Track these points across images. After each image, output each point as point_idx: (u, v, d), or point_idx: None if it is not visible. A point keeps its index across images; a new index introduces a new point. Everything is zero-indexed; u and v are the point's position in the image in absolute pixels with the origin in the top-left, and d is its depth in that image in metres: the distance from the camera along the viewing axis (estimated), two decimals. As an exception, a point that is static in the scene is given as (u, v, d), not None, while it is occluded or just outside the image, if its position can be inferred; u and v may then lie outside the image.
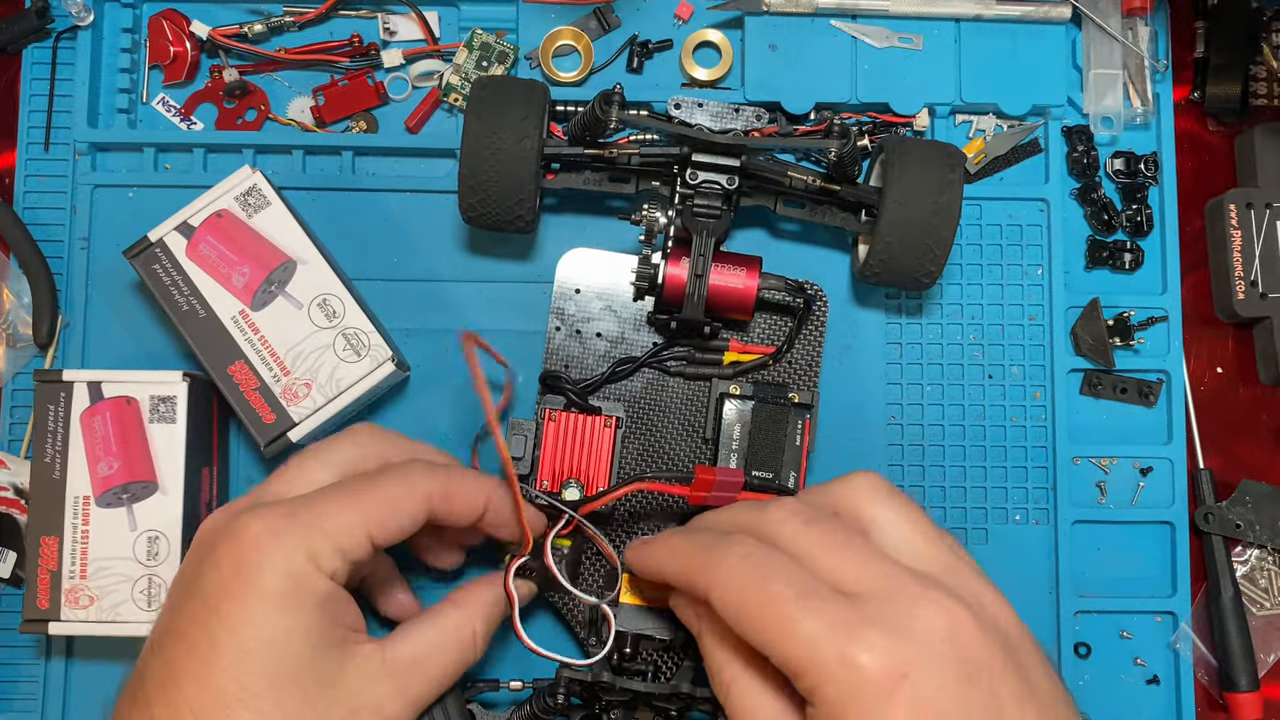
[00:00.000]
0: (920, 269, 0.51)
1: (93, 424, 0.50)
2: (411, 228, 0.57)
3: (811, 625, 0.34)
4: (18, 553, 0.55)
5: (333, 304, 0.51)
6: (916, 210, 0.50)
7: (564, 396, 0.52)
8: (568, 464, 0.51)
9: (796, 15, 0.57)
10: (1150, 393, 0.57)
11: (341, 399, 0.50)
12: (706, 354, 0.54)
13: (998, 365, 0.57)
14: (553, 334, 0.54)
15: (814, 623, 0.34)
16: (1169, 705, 0.56)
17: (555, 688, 0.47)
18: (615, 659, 0.48)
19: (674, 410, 0.54)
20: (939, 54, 0.57)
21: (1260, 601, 0.57)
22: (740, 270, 0.51)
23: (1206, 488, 0.57)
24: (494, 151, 0.50)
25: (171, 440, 0.50)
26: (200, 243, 0.51)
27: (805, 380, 0.54)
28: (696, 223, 0.50)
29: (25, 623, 0.50)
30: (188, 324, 0.51)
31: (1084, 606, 0.56)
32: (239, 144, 0.57)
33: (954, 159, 0.51)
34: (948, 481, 0.56)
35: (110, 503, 0.50)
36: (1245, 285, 0.57)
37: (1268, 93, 0.60)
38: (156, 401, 0.50)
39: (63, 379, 0.51)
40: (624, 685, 0.47)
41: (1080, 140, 0.58)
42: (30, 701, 0.54)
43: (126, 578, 0.50)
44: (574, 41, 0.57)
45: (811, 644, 0.34)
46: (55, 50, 0.58)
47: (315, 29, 0.58)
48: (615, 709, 0.49)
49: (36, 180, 0.57)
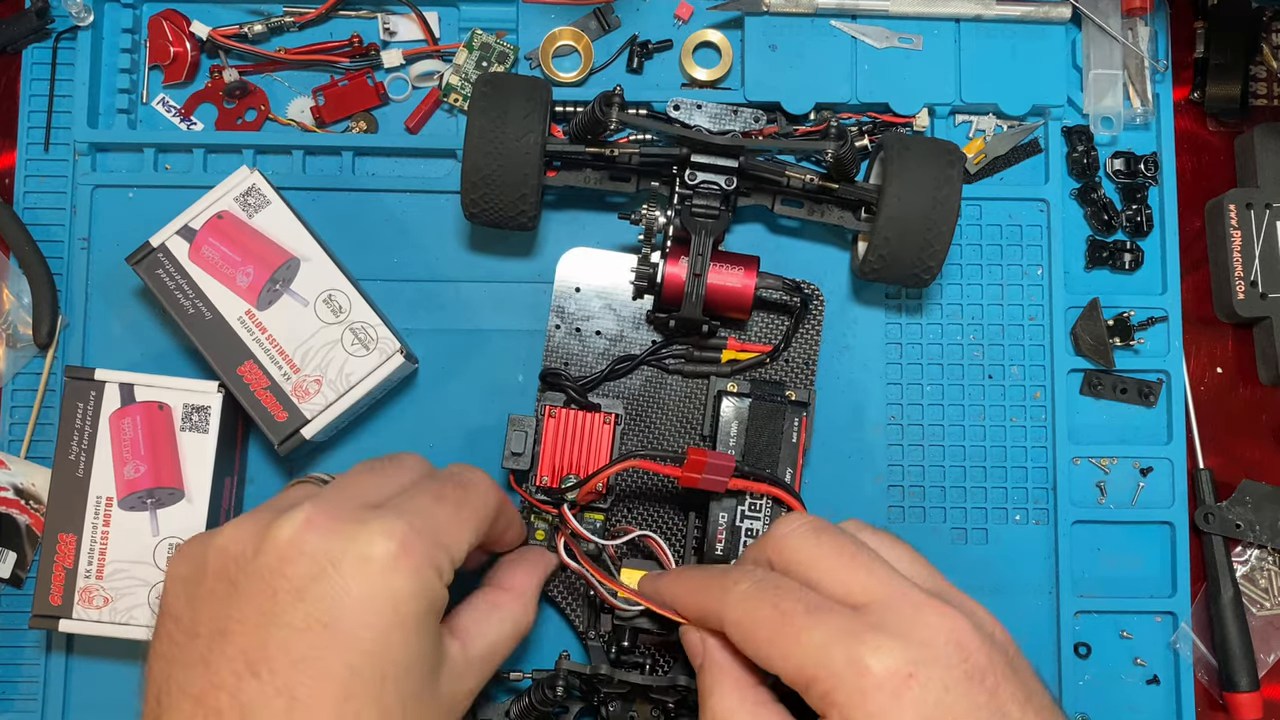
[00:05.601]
0: (919, 264, 0.55)
1: (121, 426, 0.53)
2: (412, 228, 0.60)
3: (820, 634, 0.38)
4: (18, 553, 0.59)
5: (338, 299, 0.54)
6: (915, 205, 0.53)
7: (564, 393, 0.56)
8: (567, 460, 0.54)
9: (796, 15, 0.60)
10: (1150, 393, 0.61)
11: (353, 393, 0.54)
12: (705, 352, 0.57)
13: (998, 365, 0.61)
14: (553, 332, 0.58)
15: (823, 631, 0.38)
16: (1169, 705, 0.59)
17: (554, 679, 0.51)
18: (613, 652, 0.52)
19: (672, 407, 0.58)
20: (939, 54, 0.61)
21: (1260, 601, 0.61)
22: (738, 270, 0.55)
23: (1206, 488, 0.60)
24: (497, 147, 0.53)
25: (202, 450, 0.54)
26: (203, 245, 0.54)
27: (802, 378, 0.58)
28: (695, 222, 0.54)
29: (35, 618, 0.53)
30: (195, 327, 0.54)
31: (1084, 606, 0.59)
32: (239, 144, 0.60)
33: (953, 155, 0.55)
34: (948, 481, 0.60)
35: (134, 506, 0.53)
36: (1245, 285, 0.60)
37: (1268, 93, 0.63)
38: (190, 410, 0.54)
39: (95, 378, 0.54)
40: (622, 677, 0.51)
41: (1080, 140, 0.61)
42: (30, 702, 0.58)
43: (144, 582, 0.53)
44: (574, 42, 0.61)
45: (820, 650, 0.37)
46: (55, 50, 0.61)
47: (315, 29, 0.62)
48: (613, 701, 0.53)
49: (36, 180, 0.61)
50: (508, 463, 0.54)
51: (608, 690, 0.52)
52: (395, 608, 0.39)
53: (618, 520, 0.56)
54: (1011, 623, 0.58)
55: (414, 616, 0.40)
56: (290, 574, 0.39)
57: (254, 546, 0.40)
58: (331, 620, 0.38)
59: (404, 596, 0.39)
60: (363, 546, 0.39)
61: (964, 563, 0.59)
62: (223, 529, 0.42)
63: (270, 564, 0.39)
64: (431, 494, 0.44)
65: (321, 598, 0.39)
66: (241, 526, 0.41)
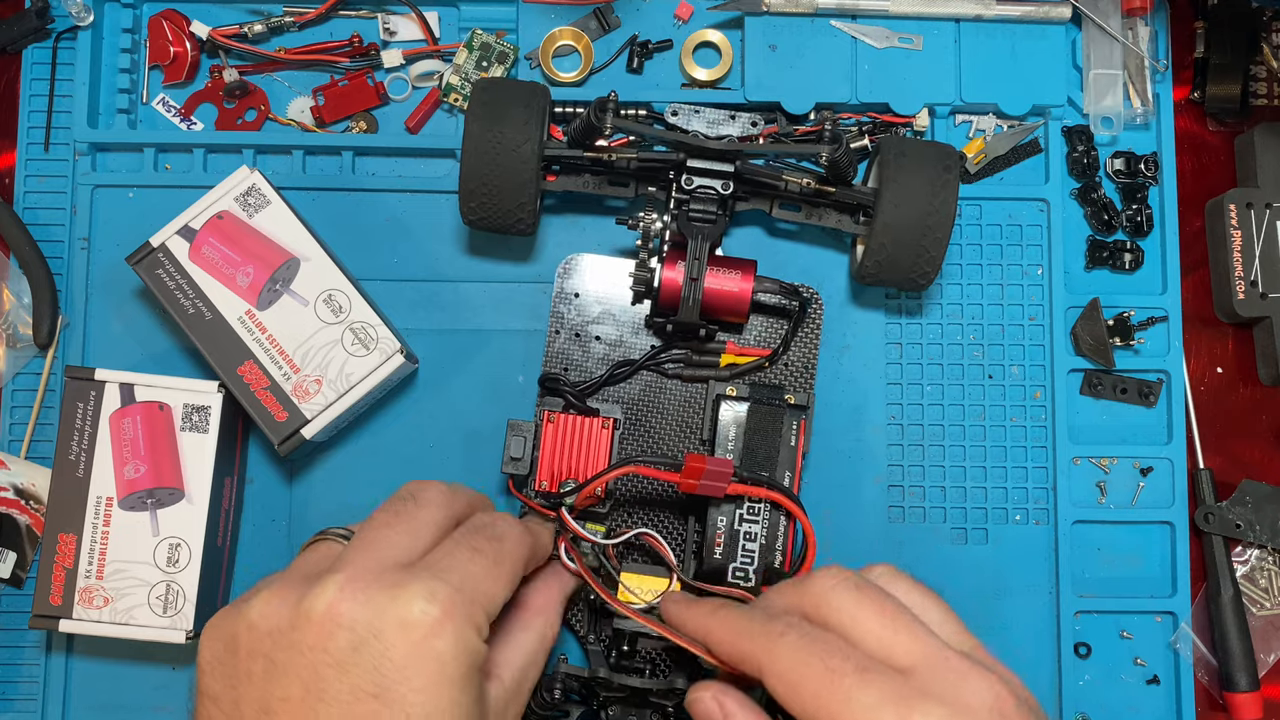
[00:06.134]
0: (916, 270, 0.55)
1: (121, 426, 0.54)
2: (412, 227, 0.61)
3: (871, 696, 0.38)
4: (18, 553, 0.59)
5: (338, 299, 0.55)
6: (911, 212, 0.54)
7: (563, 399, 0.56)
8: (566, 465, 0.55)
9: (796, 15, 0.61)
10: (1150, 393, 0.62)
11: (353, 393, 0.54)
12: (704, 356, 0.58)
13: (998, 365, 0.61)
14: (552, 337, 0.58)
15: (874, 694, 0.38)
16: (1169, 705, 0.60)
17: (553, 683, 0.51)
18: (613, 656, 0.52)
19: (671, 412, 0.58)
20: (939, 54, 0.61)
21: (1260, 601, 0.61)
22: (735, 274, 0.55)
23: (1206, 488, 0.61)
24: (495, 155, 0.53)
25: (202, 450, 0.54)
26: (203, 245, 0.55)
27: (801, 382, 0.58)
28: (692, 227, 0.54)
29: (35, 618, 0.53)
30: (195, 327, 0.54)
31: (1084, 606, 0.60)
32: (239, 144, 0.61)
33: (949, 159, 0.55)
34: (948, 481, 0.60)
35: (134, 506, 0.54)
36: (1245, 285, 0.61)
37: (1268, 93, 0.64)
38: (190, 410, 0.54)
39: (95, 378, 0.54)
40: (621, 681, 0.51)
41: (1080, 140, 0.62)
42: (30, 702, 0.58)
43: (144, 582, 0.53)
44: (574, 42, 0.61)
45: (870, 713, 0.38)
46: (55, 50, 0.61)
47: (315, 29, 0.62)
48: (613, 704, 0.53)
49: (36, 180, 0.61)
50: (507, 468, 0.54)
51: (607, 694, 0.52)
52: (441, 670, 0.39)
53: (617, 525, 0.57)
54: (1011, 623, 0.59)
55: (459, 677, 0.39)
56: (331, 648, 0.38)
57: (289, 621, 0.39)
58: (379, 690, 0.38)
59: (448, 659, 0.39)
60: (402, 611, 0.39)
61: (964, 563, 0.60)
62: (251, 602, 0.41)
63: (308, 639, 0.39)
64: (466, 549, 0.43)
65: (366, 668, 0.38)
66: (271, 601, 0.40)
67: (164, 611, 0.53)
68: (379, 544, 0.42)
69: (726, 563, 0.52)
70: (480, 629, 0.41)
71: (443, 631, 0.39)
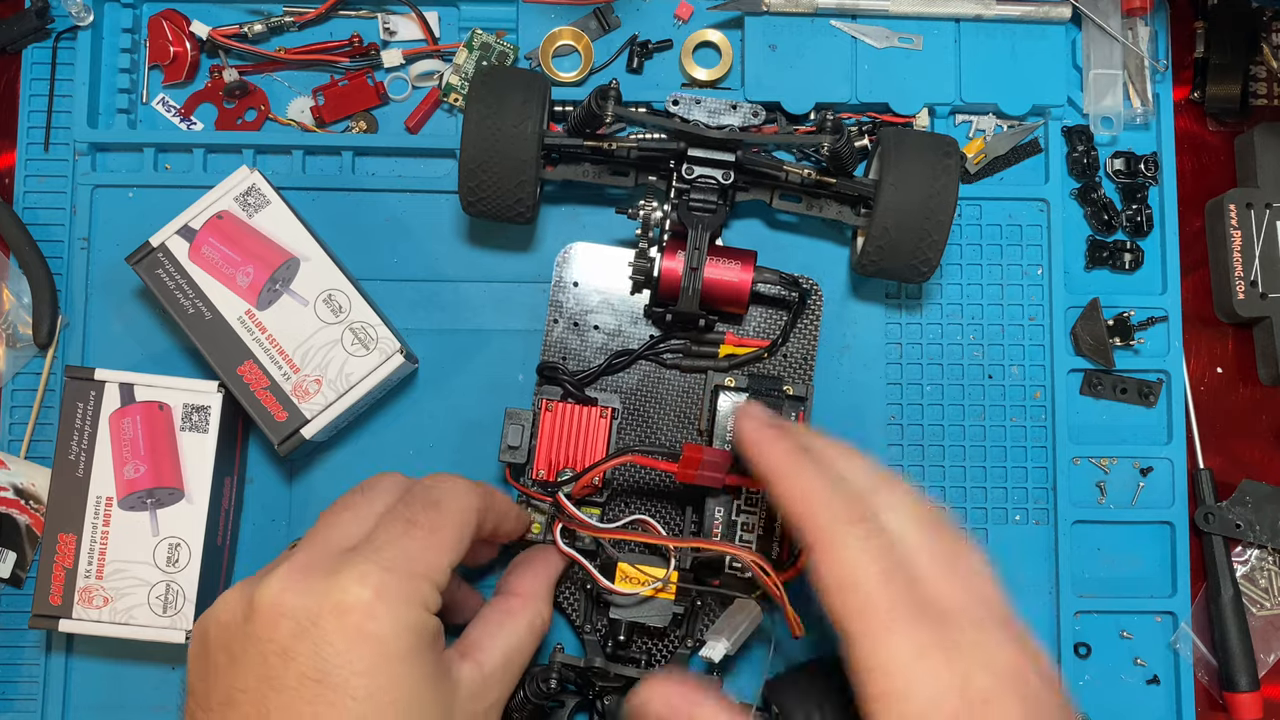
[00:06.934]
0: (918, 256, 0.55)
1: (121, 425, 0.54)
2: (412, 227, 0.61)
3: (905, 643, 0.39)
4: (18, 553, 0.60)
5: (338, 299, 0.55)
6: (912, 196, 0.54)
7: (561, 388, 0.57)
8: (564, 454, 0.55)
9: (796, 15, 0.61)
10: (1150, 393, 0.62)
11: (353, 393, 0.54)
12: (702, 347, 0.58)
13: (998, 365, 0.62)
14: (551, 327, 0.59)
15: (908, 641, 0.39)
16: (1169, 705, 0.60)
17: (549, 673, 0.52)
18: (609, 646, 0.53)
19: (669, 402, 0.58)
20: (939, 54, 0.61)
21: (1260, 601, 0.62)
22: (735, 264, 0.55)
23: (1206, 488, 0.61)
24: (495, 135, 0.53)
25: (202, 450, 0.54)
26: (203, 245, 0.55)
27: (800, 373, 0.58)
28: (692, 217, 0.54)
29: (34, 618, 0.53)
30: (194, 327, 0.55)
31: (1084, 606, 0.60)
32: (239, 144, 0.61)
33: (949, 147, 0.55)
34: (948, 481, 0.61)
35: (134, 506, 0.54)
36: (1245, 285, 0.61)
37: (1268, 93, 0.64)
38: (190, 410, 0.54)
39: (95, 378, 0.55)
40: (617, 671, 0.52)
41: (1080, 140, 0.62)
42: (30, 702, 0.58)
43: (144, 582, 0.54)
44: (574, 42, 0.62)
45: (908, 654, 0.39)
46: (55, 50, 0.62)
47: (315, 29, 0.63)
48: (609, 695, 0.53)
49: (36, 180, 0.61)
50: (504, 456, 0.55)
51: (603, 684, 0.53)
52: (382, 649, 0.40)
53: (615, 515, 0.57)
54: (1011, 622, 0.60)
55: (403, 654, 0.41)
56: (276, 637, 0.40)
57: (243, 613, 0.42)
58: (322, 675, 0.39)
59: (388, 637, 0.40)
60: (338, 597, 0.40)
61: (964, 563, 0.60)
62: (219, 599, 0.43)
63: (258, 630, 0.41)
64: (401, 524, 0.44)
65: (309, 655, 0.40)
66: (230, 596, 0.43)
67: (164, 611, 0.53)
68: (326, 532, 0.44)
69: (722, 555, 0.53)
70: (426, 602, 0.42)
71: (376, 613, 0.40)
